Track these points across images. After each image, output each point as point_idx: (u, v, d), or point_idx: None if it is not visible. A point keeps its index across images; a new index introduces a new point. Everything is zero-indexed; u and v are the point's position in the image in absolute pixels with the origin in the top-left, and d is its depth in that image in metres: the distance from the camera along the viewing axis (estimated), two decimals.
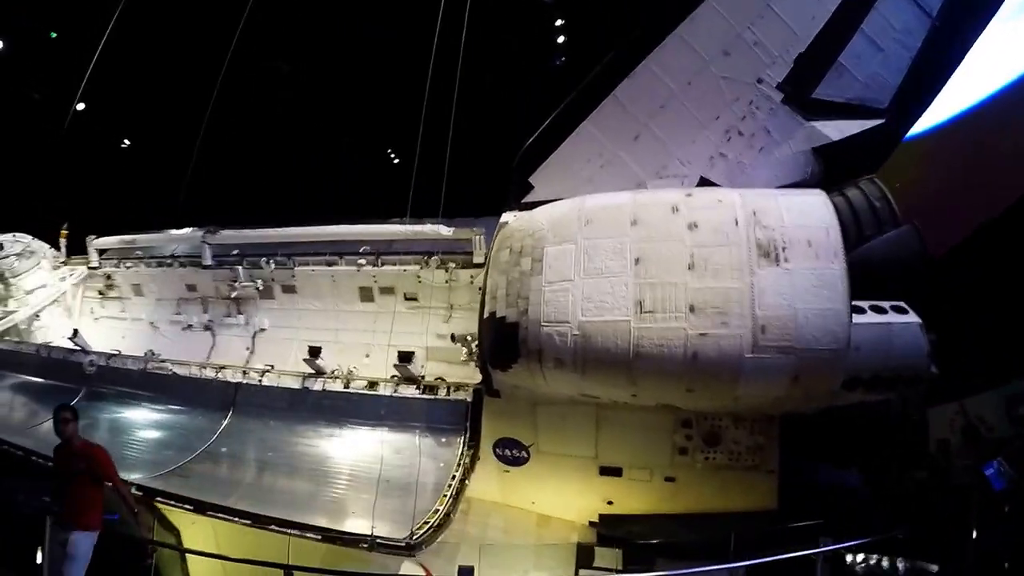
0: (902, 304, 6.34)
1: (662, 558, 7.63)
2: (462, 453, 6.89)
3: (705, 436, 7.05)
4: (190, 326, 10.00)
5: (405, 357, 7.29)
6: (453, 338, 7.46)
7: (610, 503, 7.82)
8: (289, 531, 5.95)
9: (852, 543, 6.72)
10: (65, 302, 10.46)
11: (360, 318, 10.15)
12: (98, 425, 7.74)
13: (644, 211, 6.46)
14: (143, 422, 7.76)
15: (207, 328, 10.02)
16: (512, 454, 7.62)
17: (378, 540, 5.70)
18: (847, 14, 6.86)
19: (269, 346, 9.95)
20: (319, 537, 5.89)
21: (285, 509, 6.21)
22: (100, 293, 10.50)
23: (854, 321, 6.03)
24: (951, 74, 7.72)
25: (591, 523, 8.09)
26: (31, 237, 10.58)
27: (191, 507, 6.27)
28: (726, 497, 7.47)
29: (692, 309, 5.97)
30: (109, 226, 10.37)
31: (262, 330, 10.07)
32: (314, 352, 7.56)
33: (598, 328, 6.14)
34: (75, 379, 8.31)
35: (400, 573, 6.86)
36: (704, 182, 7.51)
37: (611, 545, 7.89)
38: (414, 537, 5.73)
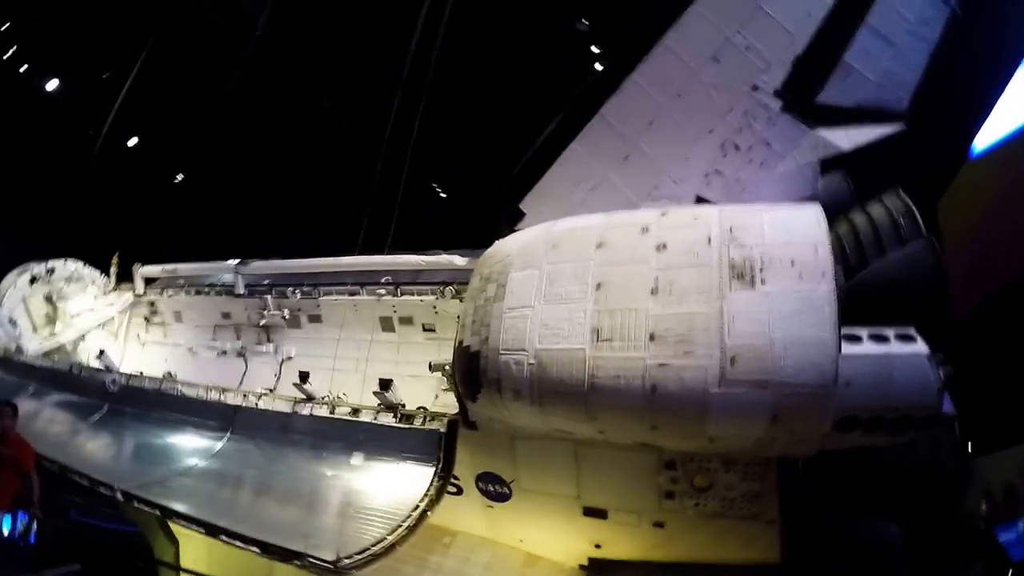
0: (909, 332, 5.37)
1: None
2: (430, 484, 6.62)
3: (692, 480, 6.34)
4: (224, 352, 10.59)
5: (384, 385, 7.20)
6: (431, 367, 7.28)
7: (598, 547, 7.22)
8: (235, 542, 6.00)
9: None
10: (112, 326, 11.46)
11: (382, 348, 10.28)
12: (115, 437, 8.33)
13: (612, 233, 6.01)
14: (150, 437, 8.21)
15: (240, 355, 10.53)
16: (494, 489, 7.23)
17: (309, 559, 5.58)
18: (849, 8, 6.14)
19: (295, 374, 10.27)
20: (258, 550, 5.90)
21: (248, 524, 6.26)
22: (145, 319, 11.38)
23: (846, 352, 5.19)
24: (1003, 71, 6.72)
25: (581, 567, 7.52)
26: (81, 263, 11.68)
27: (159, 512, 6.52)
28: (723, 547, 6.66)
29: (652, 337, 5.41)
30: (161, 255, 11.28)
31: (289, 358, 10.44)
32: (303, 377, 7.70)
33: (554, 357, 5.71)
34: (100, 395, 8.97)
35: None
36: (700, 202, 6.97)
37: None
38: (340, 562, 5.56)
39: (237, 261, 10.28)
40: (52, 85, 14.12)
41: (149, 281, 11.38)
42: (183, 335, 11.05)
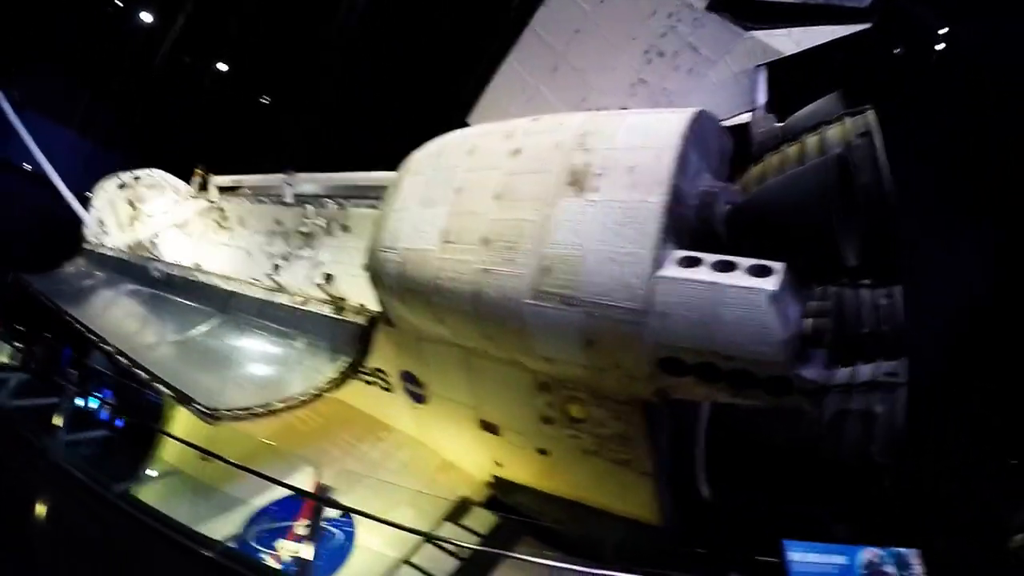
0: (770, 264, 4.37)
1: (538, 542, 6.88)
2: (338, 371, 7.17)
3: (566, 408, 6.08)
4: (272, 255, 11.98)
5: (327, 279, 7.83)
6: (364, 267, 7.70)
7: (499, 465, 7.25)
8: (164, 388, 7.07)
9: None
10: (189, 228, 13.40)
11: None
12: (147, 313, 10.04)
13: (482, 140, 5.88)
14: (170, 313, 9.75)
15: (285, 258, 11.86)
16: (414, 390, 7.54)
17: (196, 405, 6.48)
18: None
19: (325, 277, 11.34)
20: (172, 394, 6.91)
21: (181, 379, 7.28)
22: (216, 223, 13.18)
23: (669, 275, 4.47)
24: None
25: (488, 483, 7.60)
26: (164, 172, 13.67)
27: (128, 362, 7.82)
28: (602, 491, 6.41)
29: (485, 242, 5.29)
30: (245, 169, 12.88)
31: (323, 263, 11.53)
32: (275, 269, 8.63)
33: (411, 257, 5.84)
34: (147, 281, 10.84)
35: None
36: None
37: (501, 510, 7.34)
38: (218, 412, 6.42)
39: (286, 173, 11.51)
40: (148, 18, 16.55)
41: (223, 190, 13.14)
42: (244, 239, 12.63)
